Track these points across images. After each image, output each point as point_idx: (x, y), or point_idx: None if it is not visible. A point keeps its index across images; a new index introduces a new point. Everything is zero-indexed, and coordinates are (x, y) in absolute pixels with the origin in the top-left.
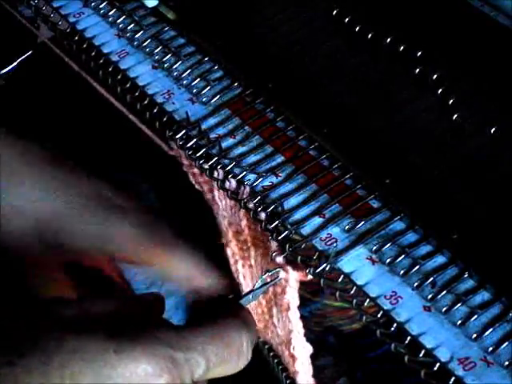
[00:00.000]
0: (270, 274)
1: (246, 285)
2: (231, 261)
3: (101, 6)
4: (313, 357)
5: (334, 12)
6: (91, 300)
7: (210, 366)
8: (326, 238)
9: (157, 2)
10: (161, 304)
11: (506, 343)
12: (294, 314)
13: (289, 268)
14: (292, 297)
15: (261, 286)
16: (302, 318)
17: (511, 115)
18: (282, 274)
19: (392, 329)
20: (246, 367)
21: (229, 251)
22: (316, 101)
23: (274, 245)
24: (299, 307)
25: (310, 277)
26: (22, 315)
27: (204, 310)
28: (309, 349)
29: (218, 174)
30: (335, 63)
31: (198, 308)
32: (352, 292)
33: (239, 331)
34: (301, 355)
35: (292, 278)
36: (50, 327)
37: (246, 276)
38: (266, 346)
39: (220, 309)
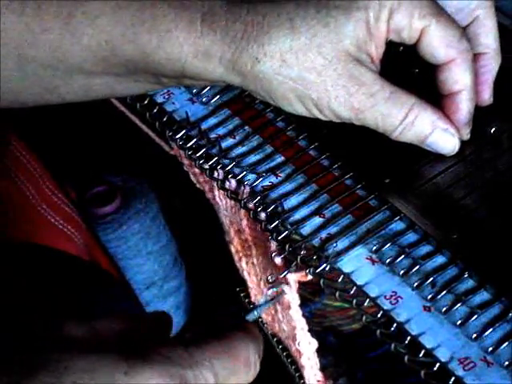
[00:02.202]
0: (274, 290)
1: (250, 281)
2: (236, 257)
3: None
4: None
5: None
6: (101, 319)
7: (219, 379)
8: (326, 238)
9: None
10: (168, 321)
11: (506, 343)
12: (296, 312)
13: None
14: (292, 297)
15: (265, 302)
16: (303, 317)
17: None
18: (286, 289)
19: (392, 329)
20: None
21: (233, 248)
22: None
23: (273, 245)
24: (299, 307)
25: (309, 277)
26: (33, 335)
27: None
28: (314, 344)
29: (218, 174)
30: None
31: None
32: (352, 292)
33: (245, 343)
34: (306, 350)
35: (291, 279)
36: (61, 347)
37: (250, 273)
38: (275, 339)
39: (225, 323)
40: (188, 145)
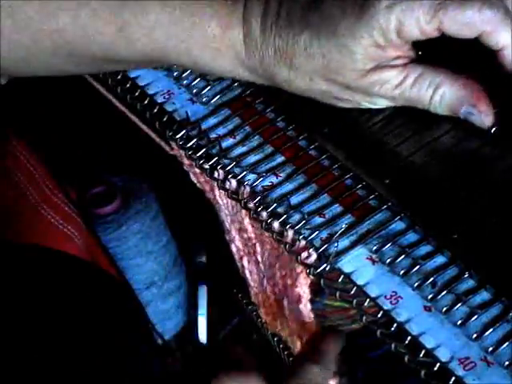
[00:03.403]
0: None
1: (252, 280)
2: (236, 257)
3: None
4: None
5: None
6: None
7: None
8: (327, 238)
9: None
10: None
11: (506, 343)
12: (305, 306)
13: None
14: (303, 291)
15: None
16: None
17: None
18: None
19: (392, 329)
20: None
21: (233, 248)
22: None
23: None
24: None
25: (310, 277)
26: None
27: None
28: None
29: (219, 174)
30: None
31: None
32: (352, 292)
33: None
34: None
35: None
36: None
37: (252, 271)
38: (276, 339)
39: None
40: (188, 145)
